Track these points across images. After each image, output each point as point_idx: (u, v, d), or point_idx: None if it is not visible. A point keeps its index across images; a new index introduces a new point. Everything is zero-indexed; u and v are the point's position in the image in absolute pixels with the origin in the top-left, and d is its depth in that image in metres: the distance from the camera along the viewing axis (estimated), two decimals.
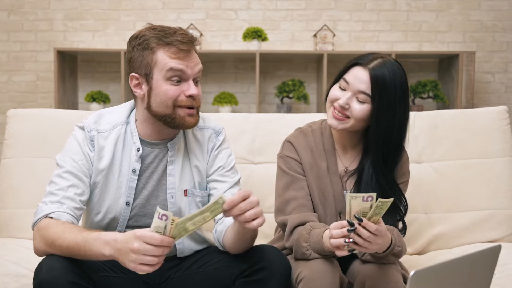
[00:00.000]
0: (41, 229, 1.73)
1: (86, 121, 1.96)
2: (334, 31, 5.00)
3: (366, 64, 1.95)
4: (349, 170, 2.06)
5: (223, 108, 4.81)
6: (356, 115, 1.94)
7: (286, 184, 2.05)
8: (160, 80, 1.85)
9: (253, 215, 1.63)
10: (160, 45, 1.84)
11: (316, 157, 2.06)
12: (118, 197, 1.94)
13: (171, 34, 1.85)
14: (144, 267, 1.54)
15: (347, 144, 2.09)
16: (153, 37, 1.85)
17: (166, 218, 1.49)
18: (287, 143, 2.12)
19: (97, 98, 4.89)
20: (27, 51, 5.14)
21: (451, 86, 4.91)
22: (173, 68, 1.84)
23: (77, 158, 1.90)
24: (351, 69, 1.98)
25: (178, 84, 1.86)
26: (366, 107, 1.94)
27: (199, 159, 2.03)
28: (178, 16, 5.11)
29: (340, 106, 1.95)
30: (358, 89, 1.93)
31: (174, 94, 1.86)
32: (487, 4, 5.10)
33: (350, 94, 1.95)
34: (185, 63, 1.85)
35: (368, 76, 1.92)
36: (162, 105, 1.87)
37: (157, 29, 1.87)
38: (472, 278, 1.36)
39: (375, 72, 1.92)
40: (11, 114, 2.59)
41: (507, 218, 2.55)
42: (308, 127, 2.15)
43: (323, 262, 1.83)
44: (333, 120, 1.99)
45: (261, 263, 1.79)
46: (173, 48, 1.84)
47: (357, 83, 1.94)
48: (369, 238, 1.65)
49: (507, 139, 2.61)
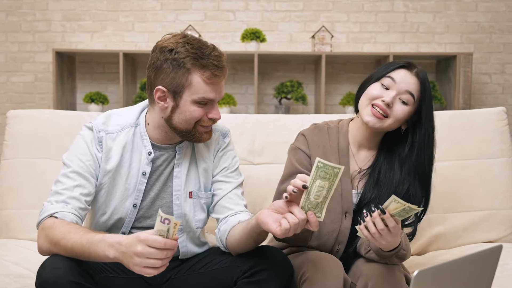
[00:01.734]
0: (46, 229, 1.74)
1: (95, 121, 1.97)
2: (332, 32, 5.01)
3: (412, 68, 2.00)
4: (362, 171, 2.07)
5: (221, 109, 4.81)
6: (396, 115, 1.97)
7: (287, 174, 2.07)
8: (189, 101, 1.86)
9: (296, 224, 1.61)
10: (196, 67, 1.82)
11: (328, 154, 2.07)
12: (125, 199, 1.95)
13: (207, 55, 1.83)
14: (148, 270, 1.55)
15: (363, 145, 2.10)
16: (190, 57, 1.82)
17: (168, 222, 1.50)
18: (301, 135, 2.14)
19: (95, 99, 4.89)
20: (25, 52, 5.14)
21: (448, 87, 4.92)
22: (205, 98, 1.85)
23: (84, 159, 1.91)
24: (397, 71, 2.00)
25: (204, 106, 1.88)
26: (407, 108, 1.97)
27: (207, 161, 2.04)
28: (177, 17, 5.12)
29: (386, 104, 1.96)
30: (406, 89, 1.97)
31: (199, 116, 1.88)
32: (484, 6, 5.12)
33: (395, 93, 1.97)
34: (216, 88, 1.86)
35: (417, 79, 1.98)
36: (186, 123, 1.88)
37: (194, 46, 1.83)
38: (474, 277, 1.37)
39: (423, 76, 2.00)
40: (11, 115, 2.59)
41: (506, 218, 2.56)
42: (325, 124, 2.16)
43: (327, 263, 1.84)
44: (371, 117, 1.98)
45: (263, 264, 1.79)
46: (208, 72, 1.83)
47: (404, 83, 1.97)
48: (382, 231, 1.67)
49: (505, 140, 2.63)
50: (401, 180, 2.00)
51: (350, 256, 2.04)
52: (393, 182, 2.01)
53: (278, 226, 1.61)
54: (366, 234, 1.71)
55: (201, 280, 1.94)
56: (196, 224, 2.01)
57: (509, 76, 5.17)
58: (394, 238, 1.72)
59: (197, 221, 2.02)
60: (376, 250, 1.86)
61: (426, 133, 2.00)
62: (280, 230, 1.60)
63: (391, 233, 1.69)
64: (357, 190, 2.06)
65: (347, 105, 4.85)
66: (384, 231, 1.67)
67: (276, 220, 1.63)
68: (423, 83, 1.98)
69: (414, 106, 1.98)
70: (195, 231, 2.02)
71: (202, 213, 2.03)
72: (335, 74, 5.18)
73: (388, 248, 1.80)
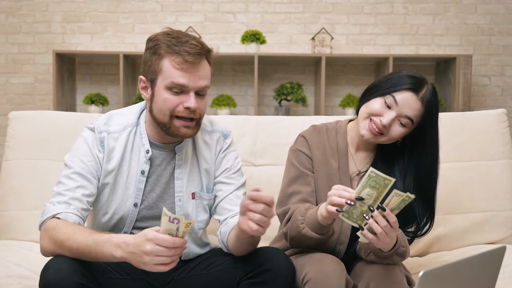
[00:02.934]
0: (49, 230, 1.74)
1: (96, 122, 1.97)
2: (332, 34, 5.02)
3: (419, 91, 1.95)
4: (361, 172, 2.08)
5: (221, 111, 4.82)
6: (392, 135, 1.97)
7: (292, 177, 2.08)
8: (162, 88, 1.85)
9: (258, 220, 1.64)
10: (168, 53, 1.83)
11: (328, 156, 2.08)
12: (126, 198, 1.95)
13: (182, 43, 1.83)
14: (159, 267, 1.56)
15: (361, 147, 2.11)
16: (164, 43, 1.83)
17: (178, 221, 1.51)
18: (301, 137, 2.14)
19: (95, 100, 4.89)
20: (25, 53, 5.14)
21: (448, 89, 4.93)
22: (173, 82, 1.83)
23: (85, 160, 1.91)
24: (402, 92, 1.95)
25: (178, 95, 1.85)
26: (404, 130, 1.96)
27: (208, 162, 2.04)
28: (177, 19, 5.12)
29: (383, 125, 1.95)
30: (405, 114, 1.94)
31: (172, 104, 1.86)
32: (484, 8, 5.13)
33: (394, 115, 1.95)
34: (188, 75, 1.83)
35: (421, 104, 1.94)
36: (160, 112, 1.88)
37: (172, 35, 1.85)
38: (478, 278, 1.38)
39: (428, 102, 1.95)
40: (13, 116, 2.59)
41: (507, 220, 2.56)
42: (323, 126, 2.17)
43: (329, 264, 1.84)
44: (367, 132, 1.99)
45: (265, 265, 1.80)
46: (179, 57, 1.82)
47: (406, 107, 1.94)
48: (385, 228, 1.68)
49: (506, 142, 2.63)
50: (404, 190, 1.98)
51: (351, 258, 2.04)
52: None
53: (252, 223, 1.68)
54: (371, 237, 1.71)
55: (203, 281, 1.94)
56: (198, 225, 2.02)
57: (509, 78, 5.18)
58: (394, 233, 1.73)
59: (199, 222, 2.02)
60: (375, 251, 1.87)
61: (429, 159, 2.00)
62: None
63: (393, 229, 1.70)
64: None
65: (347, 107, 4.85)
66: (387, 228, 1.68)
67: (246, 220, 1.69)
68: (427, 108, 1.95)
69: (412, 127, 1.97)
70: (197, 232, 2.03)
71: (204, 214, 2.04)
72: (335, 76, 5.19)
73: (387, 248, 1.80)
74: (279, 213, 2.06)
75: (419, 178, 2.00)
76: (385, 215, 1.68)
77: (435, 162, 2.02)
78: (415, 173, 2.00)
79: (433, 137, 2.00)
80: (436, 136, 2.00)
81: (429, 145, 2.00)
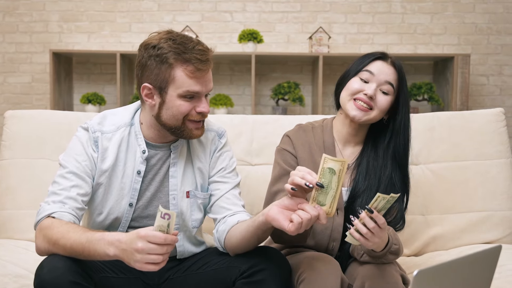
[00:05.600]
0: (44, 229, 1.74)
1: (90, 122, 1.97)
2: (329, 34, 5.02)
3: (387, 58, 2.07)
4: (349, 166, 2.09)
5: (218, 110, 4.81)
6: (380, 106, 2.02)
7: (277, 176, 2.09)
8: (174, 96, 1.86)
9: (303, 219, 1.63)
10: (179, 61, 1.82)
11: (314, 153, 2.09)
12: (121, 198, 1.95)
13: (190, 50, 1.83)
14: (149, 266, 1.56)
15: (350, 141, 2.12)
16: (172, 52, 1.82)
17: (169, 217, 1.51)
18: (285, 137, 2.16)
19: (92, 99, 4.88)
20: (22, 53, 5.13)
21: (446, 89, 4.93)
22: (189, 91, 1.84)
23: (80, 159, 1.91)
24: (373, 63, 2.05)
25: (191, 100, 1.87)
26: (389, 98, 2.03)
27: (202, 161, 2.04)
28: (174, 18, 5.12)
29: (369, 96, 2.00)
30: (385, 80, 2.02)
31: (186, 110, 1.87)
32: (482, 7, 5.13)
33: (375, 85, 2.01)
34: (200, 82, 1.86)
35: (393, 68, 2.05)
36: (173, 118, 1.88)
37: (176, 41, 1.84)
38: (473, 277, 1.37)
39: (399, 65, 2.07)
40: (9, 116, 2.59)
41: (504, 219, 2.56)
42: (309, 124, 2.19)
43: (324, 263, 1.84)
44: (357, 111, 2.02)
45: (261, 264, 1.80)
46: (191, 66, 1.82)
47: (383, 74, 2.02)
48: (373, 229, 1.68)
49: (504, 141, 2.63)
50: (383, 165, 2.05)
51: (346, 257, 2.04)
52: (378, 168, 2.05)
53: (290, 222, 1.64)
54: (358, 237, 1.71)
55: (199, 280, 1.94)
56: (192, 224, 2.02)
57: (507, 78, 5.18)
58: (383, 233, 1.73)
59: (193, 221, 2.02)
60: (368, 252, 1.87)
61: (402, 119, 2.06)
62: (293, 226, 1.63)
63: (382, 230, 1.70)
64: (347, 187, 2.08)
65: None
66: (376, 229, 1.69)
67: (286, 217, 1.65)
68: (399, 71, 2.05)
69: (395, 94, 2.04)
70: (191, 230, 2.03)
71: (198, 212, 2.03)
72: (332, 75, 5.18)
73: (379, 248, 1.80)
74: None
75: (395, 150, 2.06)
76: (373, 217, 1.68)
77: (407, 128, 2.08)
78: (392, 148, 2.07)
79: (406, 103, 2.07)
80: (407, 99, 2.08)
81: (405, 113, 2.07)
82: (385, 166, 2.05)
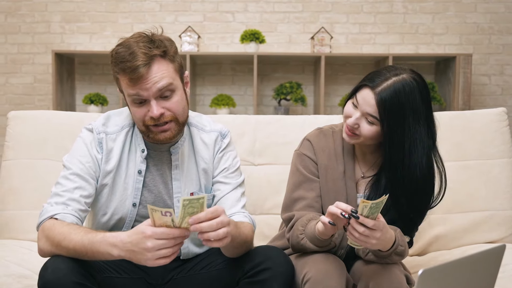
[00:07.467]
0: (46, 230, 1.74)
1: (95, 123, 1.98)
2: (331, 34, 5.01)
3: (375, 87, 1.86)
4: (366, 177, 2.05)
5: (220, 110, 4.81)
6: (365, 135, 1.92)
7: (297, 182, 2.06)
8: (129, 102, 1.89)
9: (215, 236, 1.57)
10: (117, 72, 1.85)
11: (334, 160, 2.05)
12: (125, 199, 1.95)
13: (126, 60, 1.79)
14: (160, 261, 1.55)
15: (366, 151, 2.07)
16: (113, 63, 1.84)
17: (170, 214, 1.51)
18: (306, 141, 2.11)
19: (94, 100, 4.88)
20: (24, 54, 5.14)
21: (447, 89, 4.93)
22: (129, 94, 1.85)
23: (84, 161, 1.91)
24: (361, 91, 1.91)
25: (143, 105, 1.86)
26: (375, 128, 1.90)
27: (206, 162, 2.04)
28: (176, 19, 5.12)
29: (349, 126, 1.94)
30: (366, 111, 1.89)
31: (140, 115, 1.87)
32: (484, 7, 5.13)
33: (359, 114, 1.91)
34: (139, 86, 1.81)
35: (374, 100, 1.86)
36: (137, 123, 1.92)
37: (119, 50, 1.82)
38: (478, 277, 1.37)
39: (382, 96, 1.84)
40: (12, 116, 2.60)
41: (506, 219, 2.56)
42: (329, 128, 2.13)
43: (330, 263, 1.84)
44: (345, 135, 1.98)
45: (265, 264, 1.79)
46: (125, 75, 1.82)
47: (365, 105, 1.88)
48: (364, 233, 1.67)
49: (506, 141, 2.63)
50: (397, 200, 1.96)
51: (351, 257, 2.04)
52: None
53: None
54: (354, 240, 1.71)
55: (203, 280, 1.94)
56: None
57: (508, 77, 5.18)
58: (382, 232, 1.70)
59: None
60: (374, 251, 1.86)
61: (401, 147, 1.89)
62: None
63: (376, 230, 1.68)
64: (362, 194, 2.04)
65: None
66: (366, 232, 1.67)
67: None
68: (380, 104, 1.85)
69: (381, 124, 1.88)
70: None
71: None
72: (334, 75, 5.18)
73: (385, 248, 1.80)
74: (284, 218, 2.06)
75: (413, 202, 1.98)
76: (361, 222, 1.66)
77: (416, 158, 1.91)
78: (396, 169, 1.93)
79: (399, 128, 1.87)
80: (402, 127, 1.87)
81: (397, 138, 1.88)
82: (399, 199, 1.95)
